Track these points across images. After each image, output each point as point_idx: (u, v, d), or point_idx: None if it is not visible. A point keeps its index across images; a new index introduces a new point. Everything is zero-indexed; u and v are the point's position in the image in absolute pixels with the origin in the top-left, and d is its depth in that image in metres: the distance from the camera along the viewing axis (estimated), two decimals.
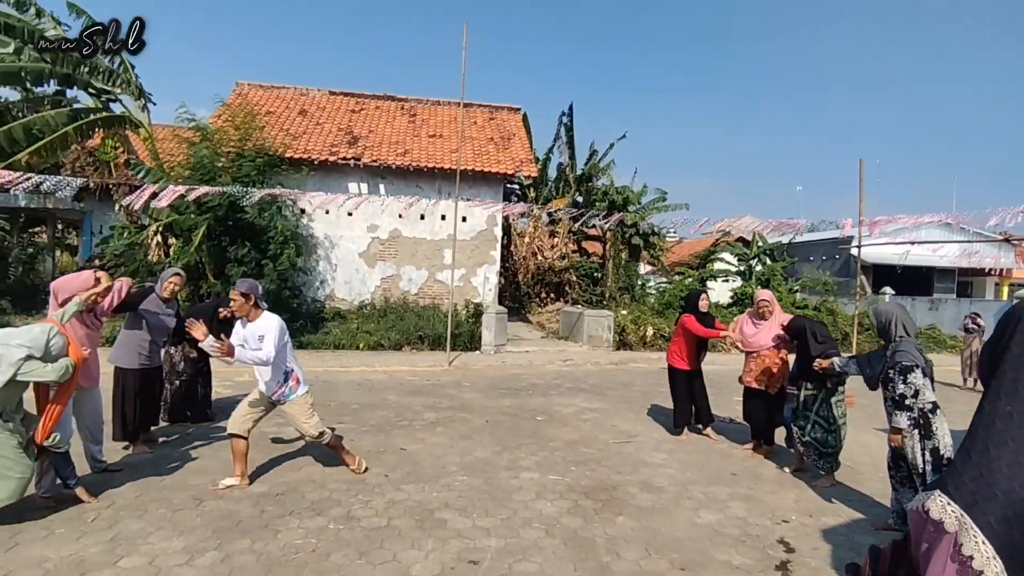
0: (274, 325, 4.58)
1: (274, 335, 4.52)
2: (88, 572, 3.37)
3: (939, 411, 4.03)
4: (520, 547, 3.84)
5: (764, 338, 6.01)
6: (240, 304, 4.56)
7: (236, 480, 4.73)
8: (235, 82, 16.96)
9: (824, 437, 5.17)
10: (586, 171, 23.25)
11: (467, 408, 7.70)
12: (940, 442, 3.94)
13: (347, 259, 14.88)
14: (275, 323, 4.60)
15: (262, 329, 4.56)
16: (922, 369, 3.99)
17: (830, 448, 5.17)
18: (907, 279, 23.98)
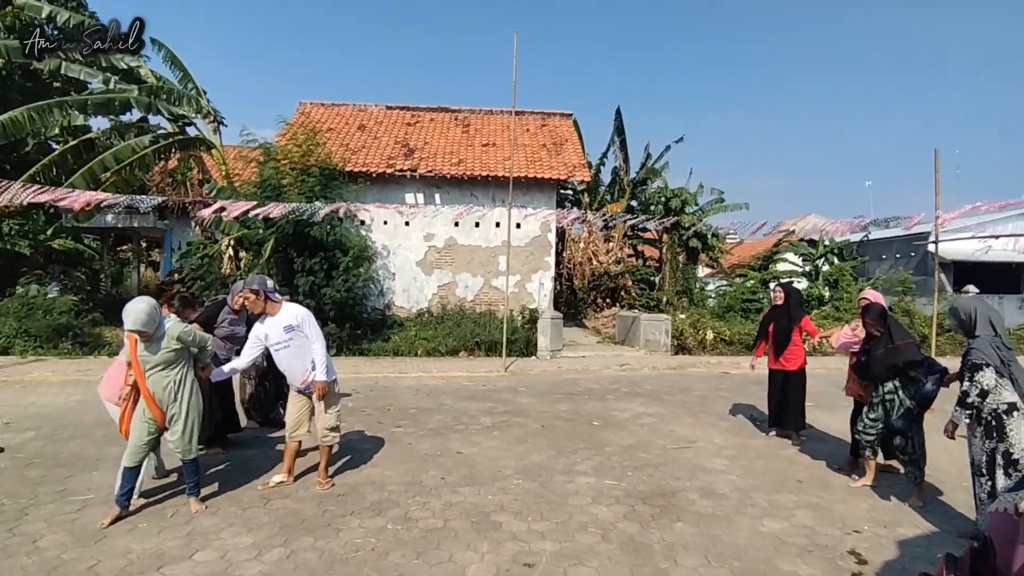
0: (302, 311, 4.67)
1: (308, 320, 4.63)
2: (166, 564, 3.58)
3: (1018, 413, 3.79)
4: (575, 551, 3.82)
5: None
6: (252, 301, 4.64)
7: (283, 477, 4.91)
8: (299, 102, 17.70)
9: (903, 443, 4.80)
10: (640, 175, 22.96)
11: (523, 413, 7.72)
12: (1015, 446, 3.72)
13: (405, 267, 15.21)
14: (302, 310, 4.69)
15: (286, 320, 4.61)
16: (995, 368, 3.77)
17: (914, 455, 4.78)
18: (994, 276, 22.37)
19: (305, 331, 4.64)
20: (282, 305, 4.70)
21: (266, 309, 4.66)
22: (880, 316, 4.94)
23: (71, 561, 3.59)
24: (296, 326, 4.61)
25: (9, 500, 4.52)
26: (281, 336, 4.62)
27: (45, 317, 11.75)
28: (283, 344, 4.64)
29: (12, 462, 5.43)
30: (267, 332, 4.66)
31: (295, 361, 4.68)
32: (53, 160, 11.43)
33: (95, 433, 6.42)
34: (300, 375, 4.71)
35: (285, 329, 4.61)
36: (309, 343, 4.65)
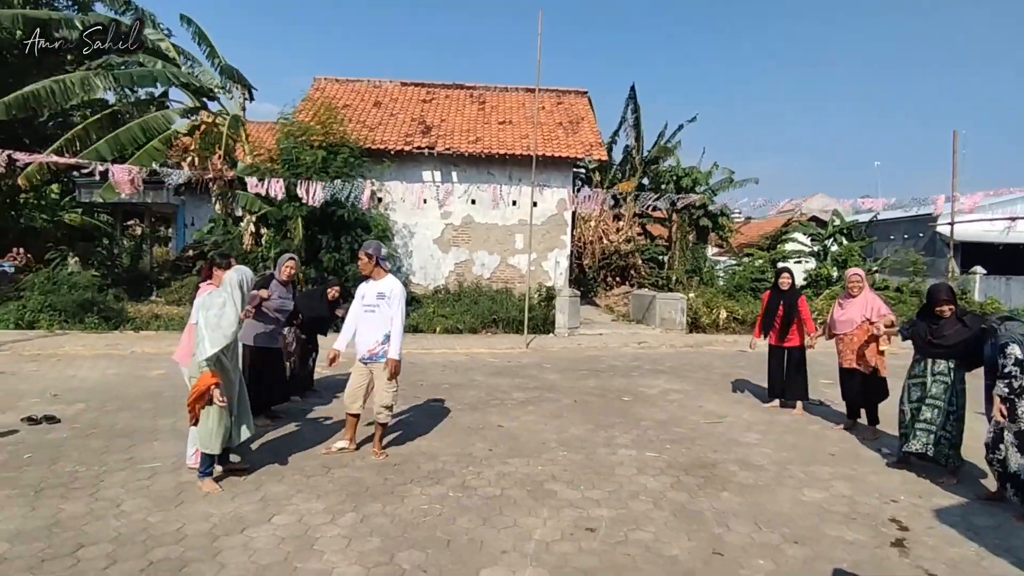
0: (398, 287, 4.97)
1: (399, 296, 4.92)
2: (248, 527, 3.79)
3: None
4: (631, 517, 4.04)
5: (855, 315, 6.04)
6: (364, 263, 5.01)
7: (346, 443, 5.18)
8: (313, 78, 17.66)
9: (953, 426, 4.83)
10: (652, 153, 22.94)
11: (553, 388, 7.93)
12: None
13: (422, 245, 15.35)
14: (399, 286, 5.00)
15: (383, 288, 4.94)
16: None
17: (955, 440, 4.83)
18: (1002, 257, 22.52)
19: (392, 304, 4.89)
20: (387, 275, 5.04)
21: (373, 273, 5.00)
22: (951, 292, 5.00)
23: (158, 524, 3.80)
24: (387, 296, 4.90)
25: (82, 467, 4.72)
26: (372, 299, 4.93)
27: (70, 292, 11.91)
28: (370, 307, 4.93)
29: (71, 432, 5.63)
30: (365, 292, 5.00)
31: (372, 328, 4.92)
32: (76, 134, 11.47)
33: (142, 406, 6.62)
34: (370, 343, 4.93)
35: (378, 295, 4.91)
36: (390, 316, 4.88)
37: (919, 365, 5.06)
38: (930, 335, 4.95)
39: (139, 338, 11.23)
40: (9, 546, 3.46)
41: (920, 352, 5.09)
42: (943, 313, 4.88)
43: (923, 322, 5.10)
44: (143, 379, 7.95)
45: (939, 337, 4.89)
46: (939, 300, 4.92)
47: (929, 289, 5.20)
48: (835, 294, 17.73)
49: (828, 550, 3.62)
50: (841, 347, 6.21)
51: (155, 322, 12.06)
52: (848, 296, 6.27)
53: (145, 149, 11.39)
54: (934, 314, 4.96)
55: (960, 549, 3.66)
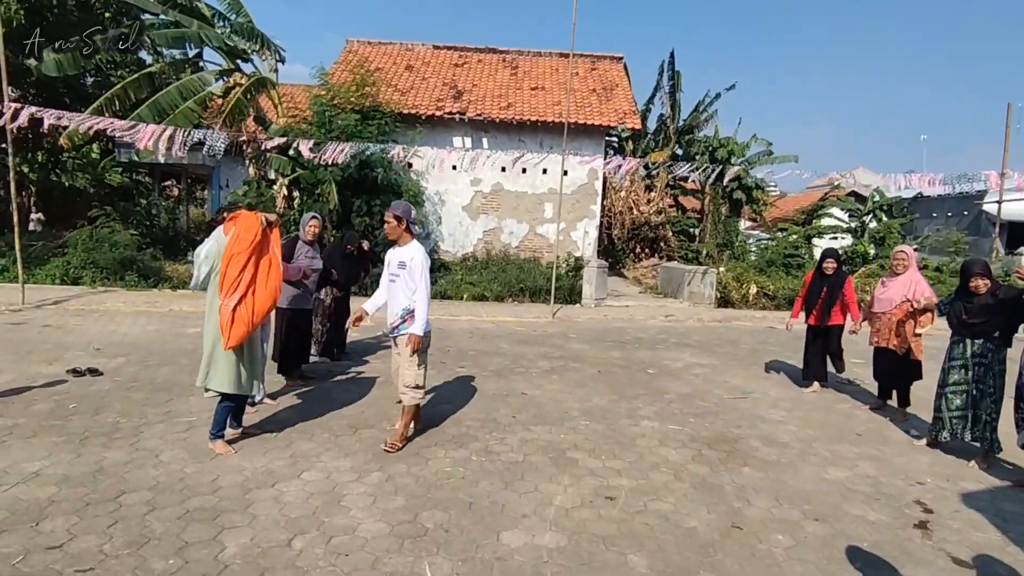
0: (419, 255, 4.48)
1: (421, 266, 4.43)
2: (279, 482, 3.94)
3: None
4: (652, 488, 4.08)
5: (895, 294, 5.87)
6: (392, 227, 4.52)
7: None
8: (346, 40, 17.57)
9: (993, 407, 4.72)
10: (687, 122, 22.39)
11: (578, 358, 7.96)
12: None
13: (451, 212, 15.37)
14: (420, 253, 4.51)
15: (404, 256, 4.50)
16: None
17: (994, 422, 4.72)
18: None
19: (413, 274, 4.44)
20: (412, 241, 4.57)
21: (400, 239, 4.56)
22: (986, 267, 4.83)
23: (193, 474, 3.98)
24: (407, 265, 4.46)
25: (123, 419, 4.94)
26: (395, 268, 4.53)
27: (111, 250, 12.28)
28: (392, 277, 4.55)
29: (113, 385, 5.87)
30: (390, 259, 4.60)
31: (393, 299, 4.55)
32: (116, 93, 11.66)
33: (180, 361, 6.86)
34: (393, 316, 4.56)
35: (399, 264, 4.51)
36: (412, 288, 4.46)
37: (957, 347, 4.93)
38: (964, 313, 4.81)
39: (176, 296, 11.58)
40: (57, 489, 3.66)
41: (956, 332, 4.95)
42: (977, 288, 4.73)
43: (959, 300, 4.94)
44: (181, 336, 8.21)
45: (973, 315, 4.75)
46: (972, 273, 4.76)
47: (963, 263, 5.03)
48: (871, 272, 17.29)
49: (849, 528, 3.61)
50: (877, 325, 6.06)
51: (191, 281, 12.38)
52: (893, 275, 6.08)
53: (181, 111, 11.52)
54: (969, 291, 4.80)
55: (985, 534, 3.62)
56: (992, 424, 4.72)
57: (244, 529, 3.33)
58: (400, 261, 4.51)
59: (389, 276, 4.59)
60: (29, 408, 5.08)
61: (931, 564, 3.27)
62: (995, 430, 4.72)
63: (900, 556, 3.33)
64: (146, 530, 3.27)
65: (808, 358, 6.94)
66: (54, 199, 17.95)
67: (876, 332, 6.09)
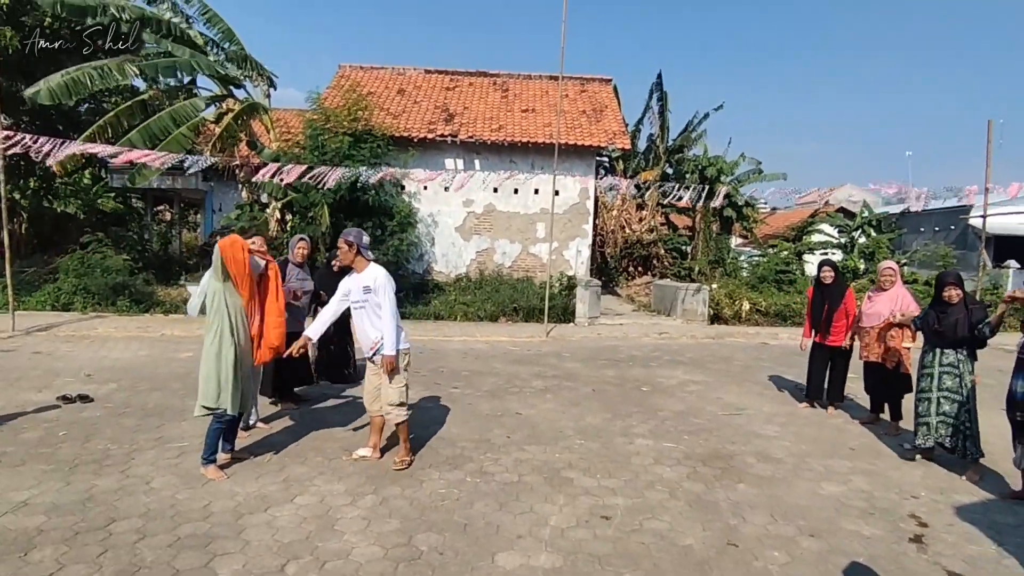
0: (381, 276, 4.42)
1: (384, 286, 4.38)
2: (272, 506, 3.90)
3: None
4: (647, 506, 4.07)
5: (883, 309, 5.93)
6: (344, 252, 4.46)
7: (368, 452, 4.80)
8: (338, 65, 17.78)
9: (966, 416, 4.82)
10: (677, 142, 22.66)
11: (572, 377, 7.96)
12: None
13: (444, 233, 15.43)
14: (382, 274, 4.43)
15: (367, 280, 4.43)
16: None
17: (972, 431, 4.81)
18: None
19: (378, 296, 4.38)
20: (369, 264, 4.50)
21: (355, 263, 4.48)
22: (959, 279, 4.98)
23: (186, 500, 3.94)
24: (372, 289, 4.40)
25: (114, 445, 4.90)
26: (359, 295, 4.45)
27: (103, 276, 12.23)
28: (359, 304, 4.48)
29: (104, 411, 5.83)
30: (351, 288, 4.52)
31: (366, 325, 4.48)
32: (108, 121, 11.72)
33: (172, 386, 6.82)
34: (367, 341, 4.52)
35: (364, 289, 4.43)
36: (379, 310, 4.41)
37: (928, 355, 5.09)
38: (936, 323, 4.94)
39: (168, 321, 11.52)
40: (45, 519, 3.62)
41: (927, 341, 5.11)
42: (950, 298, 4.88)
43: (932, 310, 5.09)
44: (172, 360, 8.16)
45: (944, 325, 4.88)
46: (946, 284, 4.91)
47: (938, 275, 5.20)
48: (862, 287, 17.44)
49: (844, 544, 3.61)
50: (866, 340, 6.12)
51: (183, 306, 12.34)
52: (879, 290, 6.15)
53: (173, 136, 11.58)
54: (942, 301, 4.94)
55: (980, 547, 3.63)
56: (966, 433, 4.81)
57: (236, 555, 3.30)
58: (364, 286, 4.44)
59: (354, 304, 4.52)
60: (18, 436, 5.03)
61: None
62: (973, 438, 4.81)
63: (896, 571, 3.33)
64: (136, 559, 3.23)
65: (812, 378, 6.77)
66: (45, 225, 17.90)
67: (865, 347, 6.14)
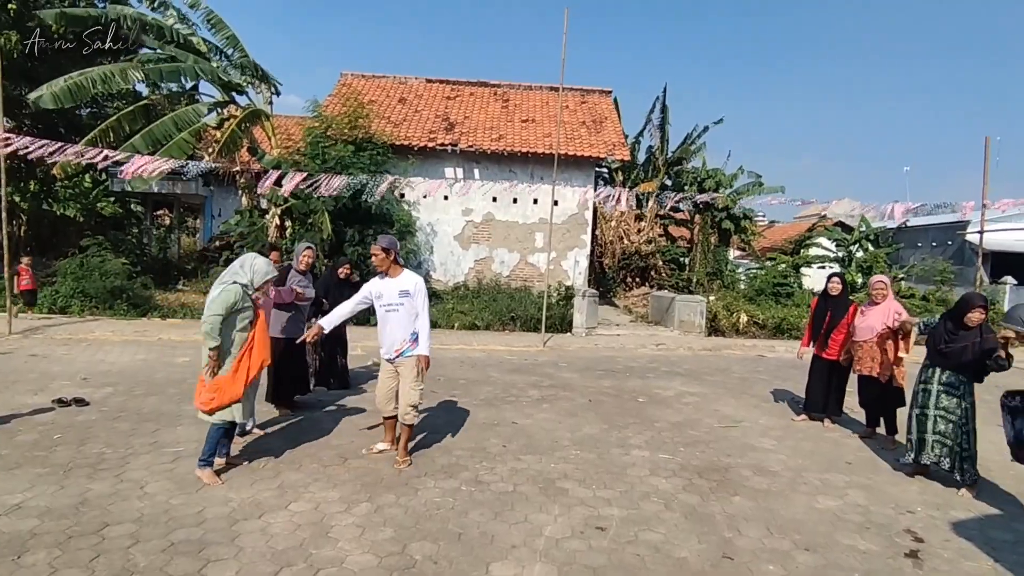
0: (420, 282, 4.81)
1: (423, 292, 4.77)
2: (266, 513, 3.89)
3: None
4: (642, 518, 4.06)
5: (875, 322, 5.95)
6: (381, 259, 4.73)
7: (386, 446, 5.10)
8: (340, 72, 17.89)
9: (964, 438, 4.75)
10: (676, 154, 22.77)
11: (568, 387, 7.96)
12: None
13: (443, 241, 15.47)
14: (420, 280, 4.82)
15: (406, 285, 4.74)
16: None
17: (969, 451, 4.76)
18: None
19: (417, 300, 4.73)
20: (403, 270, 4.83)
21: (389, 270, 4.78)
22: (986, 302, 4.78)
23: (180, 506, 3.92)
24: (411, 293, 4.72)
25: (109, 449, 4.88)
26: (394, 298, 4.72)
27: (101, 279, 12.23)
28: (394, 307, 4.73)
29: (100, 415, 5.81)
30: (381, 291, 4.77)
31: (398, 327, 4.74)
32: (110, 125, 11.77)
33: (168, 391, 6.80)
34: (397, 343, 4.76)
35: (400, 293, 4.71)
36: (416, 313, 4.75)
37: (926, 371, 4.99)
38: (944, 343, 4.83)
39: (166, 326, 11.51)
40: (39, 522, 3.60)
41: (929, 357, 5.01)
42: (970, 321, 4.70)
43: (941, 326, 4.96)
44: (169, 365, 8.14)
45: (950, 346, 4.77)
46: (972, 306, 4.67)
47: (965, 295, 5.00)
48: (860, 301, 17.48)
49: (840, 558, 3.60)
50: (860, 354, 6.12)
51: (181, 310, 12.35)
52: (871, 304, 6.16)
53: (175, 141, 11.63)
54: (961, 322, 4.78)
55: (976, 563, 3.62)
56: (964, 455, 4.74)
57: (230, 562, 3.28)
58: (402, 290, 4.75)
59: (386, 307, 4.78)
60: (13, 439, 5.01)
61: None
62: (970, 460, 4.74)
63: None
64: (129, 563, 3.22)
65: (811, 392, 6.74)
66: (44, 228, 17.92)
67: (859, 361, 6.13)
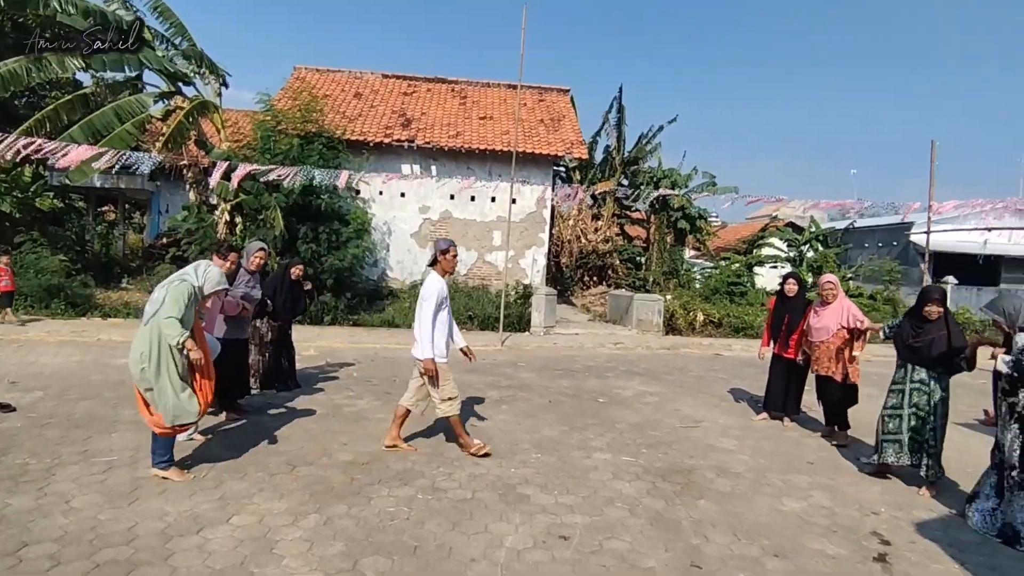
0: (427, 284, 4.87)
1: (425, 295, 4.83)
2: (205, 527, 3.59)
3: None
4: (607, 525, 3.92)
5: (830, 322, 5.99)
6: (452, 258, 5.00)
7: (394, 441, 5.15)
8: (293, 66, 17.31)
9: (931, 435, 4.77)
10: (632, 154, 22.93)
11: (527, 388, 7.81)
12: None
13: (399, 239, 15.13)
14: (431, 284, 4.86)
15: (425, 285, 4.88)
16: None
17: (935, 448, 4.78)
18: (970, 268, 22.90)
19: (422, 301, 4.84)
20: (431, 272, 4.96)
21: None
22: (943, 295, 4.86)
23: (108, 522, 3.59)
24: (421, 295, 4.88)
25: (33, 459, 4.48)
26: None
27: (37, 277, 11.48)
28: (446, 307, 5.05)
29: (27, 421, 5.36)
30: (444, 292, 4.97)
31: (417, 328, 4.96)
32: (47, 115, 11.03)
33: (104, 394, 6.36)
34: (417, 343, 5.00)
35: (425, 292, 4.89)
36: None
37: (899, 371, 4.98)
38: (912, 337, 4.85)
39: (106, 325, 10.88)
40: None
41: (900, 356, 5.00)
42: (930, 314, 4.75)
43: (907, 321, 5.00)
44: (108, 367, 7.64)
45: (920, 340, 4.79)
46: (930, 299, 4.76)
47: (923, 288, 5.07)
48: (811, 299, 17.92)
49: (810, 564, 3.52)
50: (817, 354, 6.15)
51: (124, 309, 11.69)
52: (823, 303, 6.19)
53: (117, 133, 10.96)
54: (921, 316, 4.83)
55: (943, 566, 3.60)
56: (931, 452, 4.75)
57: None
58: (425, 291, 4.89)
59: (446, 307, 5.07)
60: None
61: None
62: (935, 457, 4.76)
63: None
64: None
65: (771, 390, 6.76)
66: None
67: (816, 361, 6.14)
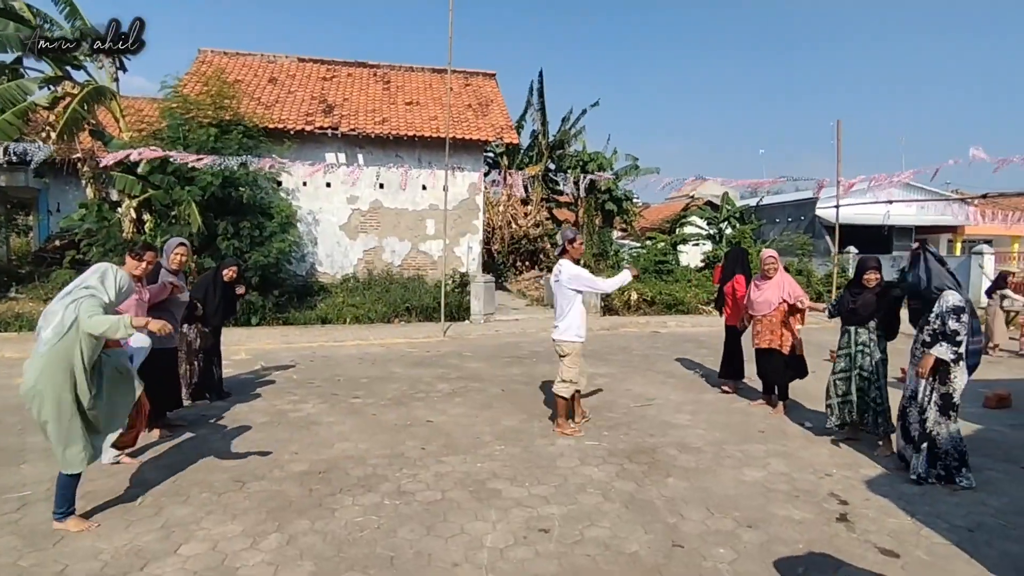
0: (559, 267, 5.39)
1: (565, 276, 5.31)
2: (150, 562, 3.22)
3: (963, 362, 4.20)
4: (583, 512, 3.85)
5: (772, 297, 6.17)
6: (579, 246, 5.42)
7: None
8: (198, 49, 16.06)
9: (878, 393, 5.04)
10: (558, 138, 23.04)
11: (477, 378, 7.66)
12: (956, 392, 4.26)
13: (327, 232, 14.47)
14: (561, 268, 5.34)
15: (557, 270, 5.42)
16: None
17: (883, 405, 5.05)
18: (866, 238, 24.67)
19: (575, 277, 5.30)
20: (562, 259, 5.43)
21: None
22: (879, 263, 5.19)
23: (33, 568, 3.15)
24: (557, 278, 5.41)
25: None
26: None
27: None
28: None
29: None
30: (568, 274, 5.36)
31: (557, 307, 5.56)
32: None
33: (5, 420, 5.66)
34: None
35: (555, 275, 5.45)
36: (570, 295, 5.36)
37: (844, 336, 5.24)
38: (852, 303, 5.15)
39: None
40: None
41: (844, 322, 5.27)
42: (869, 282, 5.07)
43: (847, 293, 5.30)
44: (4, 388, 6.82)
45: (857, 302, 5.11)
46: (868, 268, 5.09)
47: (860, 259, 5.36)
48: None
49: (781, 532, 3.60)
50: (759, 327, 6.33)
51: (16, 322, 10.53)
52: (764, 278, 6.36)
53: None
54: (860, 284, 5.14)
55: (898, 520, 3.78)
56: (878, 409, 5.02)
57: None
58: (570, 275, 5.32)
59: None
60: None
61: (863, 558, 3.32)
62: (884, 413, 5.02)
63: (835, 554, 3.35)
64: None
65: (724, 357, 7.20)
66: None
67: (758, 335, 6.33)
